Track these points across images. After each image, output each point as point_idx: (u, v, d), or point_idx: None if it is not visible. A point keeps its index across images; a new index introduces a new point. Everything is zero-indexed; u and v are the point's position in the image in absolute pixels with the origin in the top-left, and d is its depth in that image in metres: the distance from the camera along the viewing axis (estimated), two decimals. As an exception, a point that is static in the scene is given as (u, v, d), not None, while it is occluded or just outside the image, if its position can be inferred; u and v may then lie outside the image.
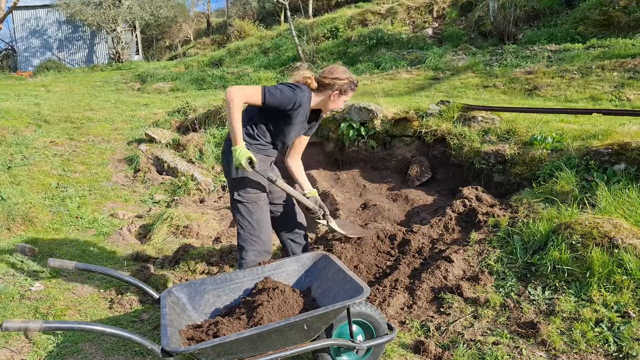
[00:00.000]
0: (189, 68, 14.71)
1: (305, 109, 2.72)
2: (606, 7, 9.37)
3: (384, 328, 2.35)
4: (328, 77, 2.73)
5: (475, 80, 7.60)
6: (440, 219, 3.83)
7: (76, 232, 4.49)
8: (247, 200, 2.71)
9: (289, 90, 2.60)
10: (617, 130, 4.08)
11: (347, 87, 2.75)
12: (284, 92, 2.58)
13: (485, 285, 3.00)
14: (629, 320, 2.50)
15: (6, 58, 22.35)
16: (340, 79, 2.73)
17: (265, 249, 2.76)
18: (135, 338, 1.86)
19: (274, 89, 2.57)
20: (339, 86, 2.73)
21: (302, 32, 13.61)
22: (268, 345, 2.02)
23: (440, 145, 4.95)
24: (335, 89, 2.73)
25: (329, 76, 2.73)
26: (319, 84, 2.75)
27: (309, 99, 2.72)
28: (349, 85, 2.75)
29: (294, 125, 2.75)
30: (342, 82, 2.73)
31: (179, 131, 7.24)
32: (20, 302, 3.03)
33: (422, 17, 13.49)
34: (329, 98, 2.76)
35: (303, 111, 2.72)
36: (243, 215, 2.72)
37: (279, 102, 2.57)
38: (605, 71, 6.78)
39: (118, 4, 19.48)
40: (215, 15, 27.87)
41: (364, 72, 10.01)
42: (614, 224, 2.96)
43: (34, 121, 7.46)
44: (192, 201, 5.37)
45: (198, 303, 2.43)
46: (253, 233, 2.72)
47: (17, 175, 5.37)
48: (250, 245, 2.72)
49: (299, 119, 2.73)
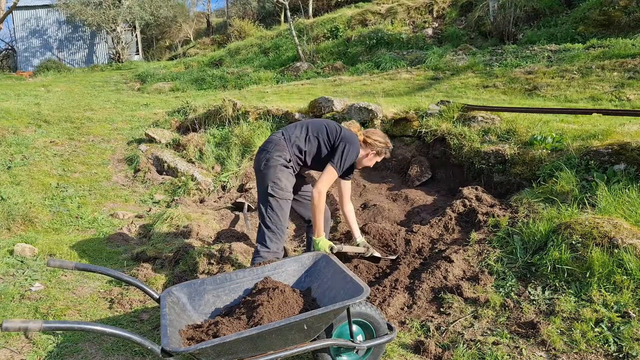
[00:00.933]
0: (189, 68, 14.71)
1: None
2: (606, 7, 9.37)
3: (384, 328, 2.35)
4: (371, 138, 3.12)
5: (475, 80, 7.60)
6: (440, 219, 3.83)
7: (76, 232, 4.49)
8: (279, 197, 2.88)
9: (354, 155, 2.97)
10: (617, 130, 4.08)
11: (383, 150, 3.16)
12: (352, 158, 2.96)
13: (485, 285, 3.00)
14: (629, 320, 2.50)
15: (6, 58, 22.35)
16: (380, 142, 3.12)
17: (283, 242, 2.97)
18: (135, 338, 1.86)
19: (344, 162, 2.92)
20: (378, 148, 3.12)
21: (302, 32, 13.61)
22: (268, 345, 2.02)
23: (440, 145, 4.95)
24: (375, 149, 3.13)
25: (372, 137, 3.13)
26: (364, 141, 3.12)
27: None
28: (385, 149, 3.16)
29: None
30: (381, 145, 3.13)
31: (179, 131, 7.24)
32: (20, 302, 3.04)
33: (422, 17, 13.49)
34: (366, 155, 3.14)
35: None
36: (274, 210, 2.89)
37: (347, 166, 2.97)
38: (605, 71, 6.78)
39: (118, 4, 19.48)
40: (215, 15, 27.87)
41: (364, 72, 10.01)
42: (614, 224, 2.96)
43: (34, 121, 7.46)
44: (192, 201, 5.36)
45: (198, 303, 2.43)
46: (280, 227, 2.90)
47: (17, 175, 5.37)
48: (276, 238, 2.89)
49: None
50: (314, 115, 5.98)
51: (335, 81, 9.21)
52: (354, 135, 3.03)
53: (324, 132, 2.99)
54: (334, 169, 2.90)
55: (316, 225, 2.91)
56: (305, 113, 6.10)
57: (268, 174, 2.90)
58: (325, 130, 3.00)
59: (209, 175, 5.93)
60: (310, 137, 2.99)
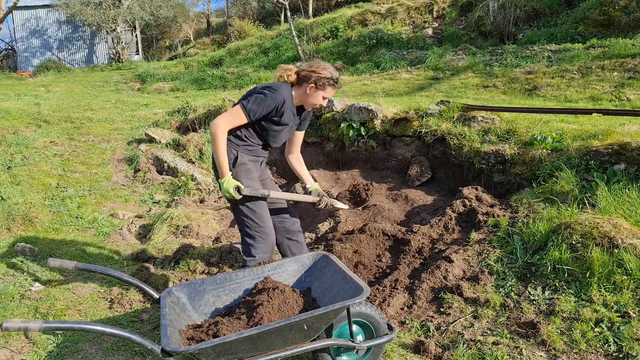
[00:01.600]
0: (189, 68, 14.71)
1: (290, 106, 2.72)
2: (606, 7, 9.37)
3: (384, 328, 2.35)
4: (306, 70, 2.70)
5: (475, 80, 7.60)
6: (440, 219, 3.83)
7: (76, 232, 4.49)
8: (247, 201, 2.72)
9: (266, 97, 2.60)
10: (617, 130, 4.08)
11: (325, 82, 2.68)
12: (263, 100, 2.60)
13: (485, 285, 3.00)
14: (629, 320, 2.51)
15: (6, 58, 22.34)
16: (317, 73, 2.67)
17: (271, 243, 2.79)
18: (135, 338, 1.86)
19: (253, 102, 2.59)
20: (314, 79, 2.67)
21: (302, 32, 13.61)
22: (268, 345, 2.02)
23: (440, 145, 4.95)
24: (311, 81, 2.67)
25: (307, 69, 2.70)
26: (298, 77, 2.73)
27: (290, 95, 2.72)
28: (327, 80, 2.68)
29: (283, 125, 2.76)
30: (318, 75, 2.67)
31: (179, 131, 7.24)
32: (20, 302, 3.04)
33: (422, 17, 13.49)
34: (306, 91, 2.71)
35: (289, 109, 2.71)
36: (247, 215, 2.72)
37: (262, 111, 2.61)
38: (605, 71, 6.78)
39: (118, 4, 19.48)
40: (215, 15, 27.86)
41: (364, 72, 10.00)
42: (614, 224, 2.96)
43: (34, 121, 7.46)
44: (192, 201, 5.37)
45: (198, 303, 2.43)
46: (259, 230, 2.73)
47: (17, 175, 5.37)
48: (258, 243, 2.73)
49: (286, 117, 2.73)
50: (313, 115, 5.98)
51: (335, 81, 9.19)
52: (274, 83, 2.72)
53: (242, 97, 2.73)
54: (240, 107, 2.59)
55: (219, 163, 2.58)
56: (305, 113, 6.09)
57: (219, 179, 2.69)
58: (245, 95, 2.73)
59: (209, 175, 5.94)
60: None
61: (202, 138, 6.54)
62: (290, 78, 2.73)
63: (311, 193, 3.00)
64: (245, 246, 2.77)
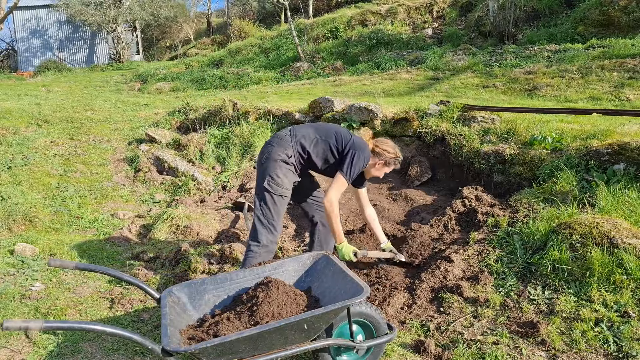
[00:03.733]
0: (190, 68, 14.71)
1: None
2: (606, 7, 9.37)
3: (384, 328, 2.35)
4: (380, 147, 3.08)
5: (475, 80, 7.60)
6: (440, 219, 3.83)
7: (77, 232, 4.49)
8: (275, 192, 2.88)
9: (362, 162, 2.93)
10: (616, 130, 4.08)
11: (392, 161, 3.10)
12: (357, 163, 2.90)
13: (485, 285, 3.00)
14: (628, 320, 2.51)
15: (7, 58, 22.35)
16: (389, 152, 3.07)
17: (275, 239, 2.95)
18: (136, 338, 1.87)
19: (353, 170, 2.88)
20: (386, 157, 3.07)
21: (302, 32, 13.61)
22: (268, 344, 2.02)
23: (440, 145, 4.96)
24: (383, 159, 3.07)
25: (381, 146, 3.09)
26: (372, 150, 3.08)
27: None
28: (394, 160, 3.10)
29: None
30: (389, 155, 3.07)
31: (180, 131, 7.25)
32: (21, 302, 3.04)
33: (422, 17, 13.49)
34: (374, 165, 3.08)
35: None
36: (267, 204, 2.89)
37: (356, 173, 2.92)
38: (605, 71, 6.78)
39: (118, 4, 19.48)
40: (216, 16, 27.87)
41: (364, 72, 10.01)
42: (613, 224, 2.96)
43: (34, 121, 7.47)
44: (193, 201, 5.37)
45: (198, 303, 2.44)
46: (272, 223, 2.91)
47: (17, 175, 5.37)
48: (267, 232, 2.90)
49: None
50: (314, 115, 5.99)
51: (336, 81, 9.21)
52: (364, 142, 3.01)
53: (332, 137, 2.97)
54: (343, 177, 2.88)
55: (335, 232, 2.94)
56: (306, 113, 6.11)
57: (267, 168, 2.90)
58: (334, 136, 2.98)
59: (210, 175, 5.94)
60: (319, 140, 2.97)
61: (203, 138, 6.55)
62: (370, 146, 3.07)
63: (384, 250, 3.36)
64: (253, 231, 2.93)
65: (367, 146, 3.02)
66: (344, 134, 3.01)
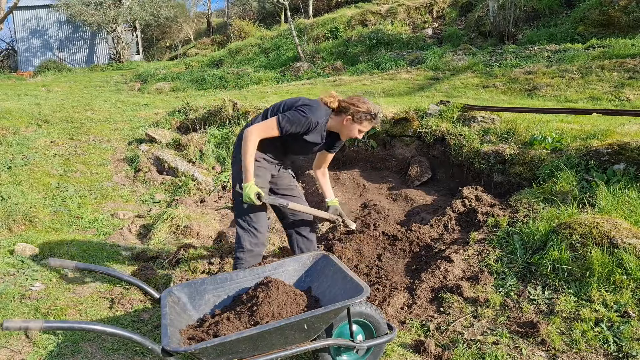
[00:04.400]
0: (190, 68, 14.71)
1: (321, 130, 2.77)
2: (606, 7, 9.37)
3: (384, 328, 2.35)
4: (347, 101, 2.77)
5: (475, 80, 7.60)
6: (440, 219, 3.83)
7: (77, 232, 4.50)
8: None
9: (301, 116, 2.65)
10: (616, 130, 4.08)
11: (362, 117, 2.75)
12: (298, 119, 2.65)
13: (485, 285, 3.00)
14: (628, 320, 2.51)
15: (7, 58, 22.34)
16: (356, 106, 2.74)
17: (260, 241, 2.84)
18: (136, 338, 1.87)
19: (288, 120, 2.64)
20: (352, 112, 2.73)
21: (302, 32, 13.61)
22: (268, 344, 2.02)
23: (440, 145, 4.96)
24: (349, 114, 2.74)
25: (348, 101, 2.78)
26: (339, 106, 2.80)
27: (325, 120, 2.77)
28: (365, 115, 2.74)
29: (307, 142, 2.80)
30: (358, 109, 2.73)
31: (180, 131, 7.25)
32: (21, 302, 3.04)
33: (422, 17, 13.49)
34: (343, 122, 2.78)
35: (318, 132, 2.76)
36: (245, 209, 2.79)
37: (294, 129, 2.66)
38: (605, 71, 6.78)
39: (118, 4, 19.47)
40: (216, 16, 27.87)
41: (364, 72, 10.01)
42: (613, 223, 2.96)
43: (34, 121, 7.47)
44: (193, 201, 5.37)
45: (198, 303, 2.44)
46: (252, 225, 2.81)
47: (17, 175, 5.37)
48: (248, 235, 2.81)
49: (311, 137, 2.77)
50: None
51: (336, 81, 9.21)
52: (315, 101, 2.77)
53: (281, 106, 2.76)
54: (275, 120, 2.63)
55: (246, 168, 2.65)
56: (306, 113, 6.10)
57: (234, 172, 2.84)
58: (283, 104, 2.77)
59: (210, 175, 5.94)
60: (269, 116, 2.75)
61: (203, 138, 6.55)
62: (332, 104, 2.80)
63: (329, 208, 3.06)
64: (237, 238, 2.85)
65: (319, 104, 2.75)
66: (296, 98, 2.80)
